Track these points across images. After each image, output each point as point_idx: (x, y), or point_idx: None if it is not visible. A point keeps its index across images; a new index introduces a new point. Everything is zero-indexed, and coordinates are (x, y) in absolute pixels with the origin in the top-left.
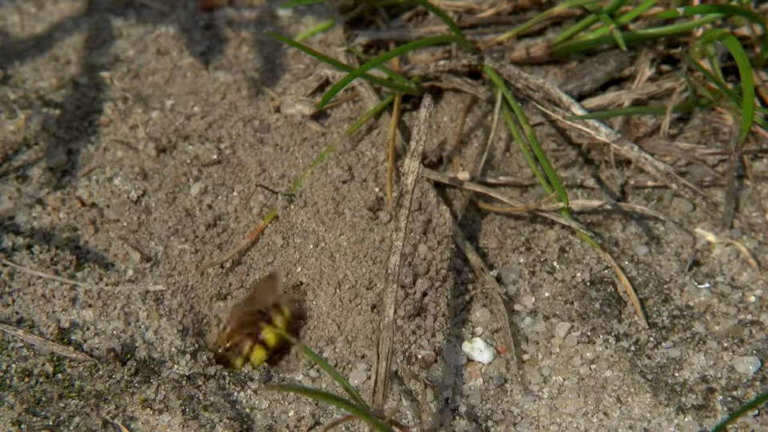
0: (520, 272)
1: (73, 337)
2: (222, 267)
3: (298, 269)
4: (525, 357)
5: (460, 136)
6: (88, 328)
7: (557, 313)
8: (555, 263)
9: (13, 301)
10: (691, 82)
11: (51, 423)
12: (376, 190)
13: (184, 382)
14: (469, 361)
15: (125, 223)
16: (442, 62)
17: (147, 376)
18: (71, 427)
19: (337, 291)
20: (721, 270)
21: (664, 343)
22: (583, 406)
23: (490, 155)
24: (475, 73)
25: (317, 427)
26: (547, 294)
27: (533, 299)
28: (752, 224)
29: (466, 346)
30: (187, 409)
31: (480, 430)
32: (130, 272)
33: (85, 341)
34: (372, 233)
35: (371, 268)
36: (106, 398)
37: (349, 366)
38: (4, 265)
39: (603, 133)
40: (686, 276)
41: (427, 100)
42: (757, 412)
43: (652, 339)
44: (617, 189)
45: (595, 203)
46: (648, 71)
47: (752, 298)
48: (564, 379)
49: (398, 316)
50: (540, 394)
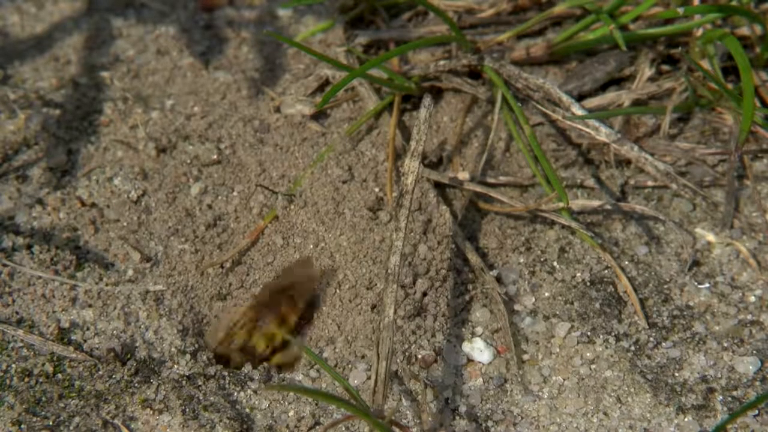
0: (520, 272)
1: (73, 337)
2: (222, 267)
3: None
4: (525, 357)
5: (460, 136)
6: (88, 328)
7: (557, 313)
8: (555, 263)
9: (13, 301)
10: (691, 82)
11: (51, 423)
12: (376, 190)
13: (184, 382)
14: (469, 361)
15: (125, 223)
16: (442, 62)
17: (147, 376)
18: (71, 427)
19: (337, 291)
20: (721, 270)
21: (664, 343)
22: (583, 406)
23: (490, 155)
24: (475, 73)
25: (317, 427)
26: (547, 294)
27: (533, 299)
28: (752, 224)
29: (466, 346)
30: (187, 409)
31: (480, 430)
32: (130, 272)
33: (85, 341)
34: (372, 233)
35: (371, 268)
36: (106, 398)
37: (349, 366)
38: (4, 265)
39: (603, 133)
40: (686, 276)
41: (427, 100)
42: (757, 412)
43: (652, 339)
44: (617, 189)
45: (595, 203)
46: (648, 71)
47: (752, 298)
48: (564, 379)
49: (398, 316)
50: (540, 394)
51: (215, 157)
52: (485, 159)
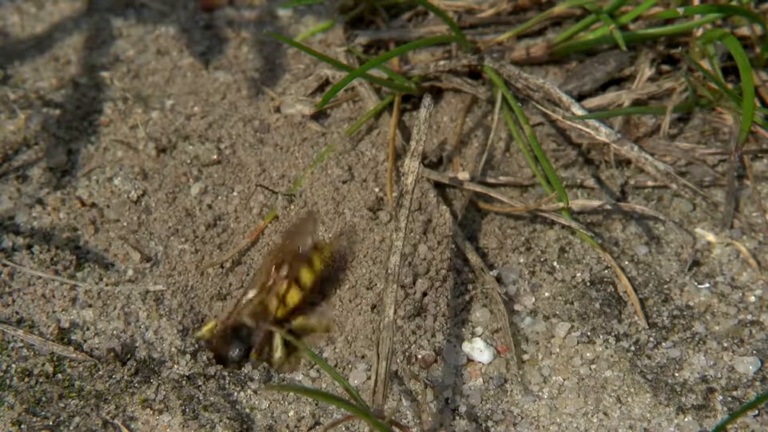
0: (520, 272)
1: (73, 337)
2: (222, 267)
3: None
4: (525, 357)
5: (460, 136)
6: (88, 328)
7: (557, 313)
8: (555, 263)
9: (13, 301)
10: (691, 82)
11: (51, 423)
12: (376, 190)
13: (184, 382)
14: (469, 361)
15: (125, 223)
16: (442, 62)
17: (147, 376)
18: (71, 427)
19: (337, 291)
20: (721, 270)
21: (664, 343)
22: (583, 406)
23: (490, 155)
24: (475, 73)
25: (317, 427)
26: (547, 294)
27: (533, 299)
28: (752, 224)
29: (466, 346)
30: (187, 409)
31: (480, 430)
32: (130, 272)
33: (85, 341)
34: (372, 233)
35: (371, 268)
36: (106, 398)
37: (349, 366)
38: (4, 265)
39: (603, 133)
40: (686, 276)
41: (427, 100)
42: (757, 412)
43: (652, 339)
44: (617, 189)
45: (595, 203)
46: (648, 71)
47: (752, 298)
48: (564, 379)
49: (398, 316)
50: (540, 394)
51: (215, 157)
52: (485, 159)
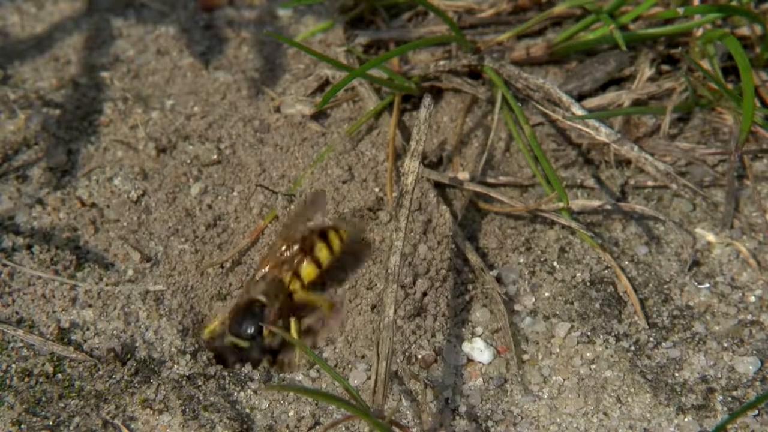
0: (520, 272)
1: (73, 337)
2: (222, 267)
3: None
4: (525, 357)
5: (460, 136)
6: (88, 328)
7: (557, 313)
8: (555, 263)
9: (13, 301)
10: (691, 82)
11: (51, 423)
12: (376, 190)
13: (184, 382)
14: (469, 361)
15: (125, 223)
16: (442, 62)
17: (147, 376)
18: (71, 427)
19: (337, 291)
20: (721, 270)
21: (664, 343)
22: (583, 406)
23: (490, 155)
24: (475, 73)
25: (317, 427)
26: (547, 294)
27: (533, 299)
28: (752, 224)
29: (466, 346)
30: (187, 409)
31: (480, 430)
32: (130, 272)
33: (85, 341)
34: (372, 233)
35: (371, 268)
36: (106, 398)
37: (349, 366)
38: (4, 265)
39: (603, 133)
40: (686, 276)
41: (427, 100)
42: (757, 412)
43: (652, 339)
44: (617, 189)
45: (595, 203)
46: (648, 71)
47: (752, 298)
48: (564, 379)
49: (398, 316)
50: (540, 394)
51: (215, 157)
52: (485, 159)
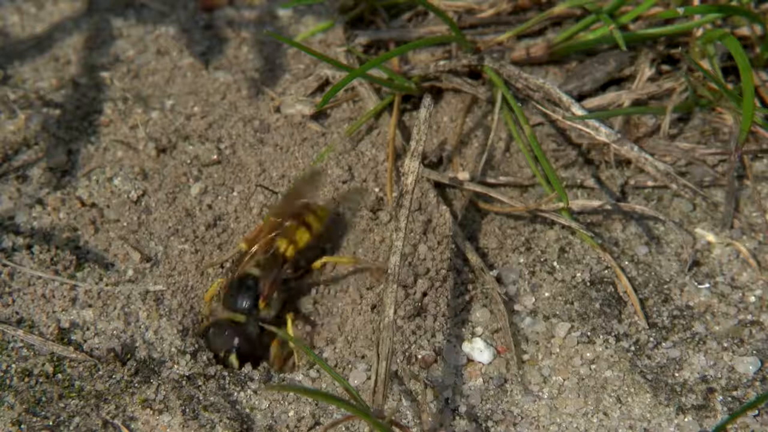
0: (520, 272)
1: (73, 337)
2: (222, 267)
3: None
4: (525, 357)
5: (460, 136)
6: (88, 328)
7: (557, 313)
8: (555, 263)
9: (13, 301)
10: (691, 82)
11: (51, 423)
12: (376, 190)
13: (184, 382)
14: (469, 361)
15: (125, 223)
16: (442, 62)
17: (147, 376)
18: (71, 427)
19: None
20: (721, 270)
21: (664, 343)
22: (583, 406)
23: (490, 155)
24: (475, 73)
25: (317, 427)
26: (547, 294)
27: (533, 299)
28: (752, 224)
29: (466, 346)
30: (187, 409)
31: (480, 430)
32: (130, 272)
33: (85, 341)
34: (372, 233)
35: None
36: (106, 398)
37: (349, 366)
38: (4, 265)
39: (603, 133)
40: (686, 276)
41: (427, 100)
42: (757, 412)
43: (652, 339)
44: (617, 189)
45: (595, 203)
46: (648, 71)
47: (752, 298)
48: (564, 379)
49: (398, 316)
50: (540, 394)
51: (215, 157)
52: (485, 159)
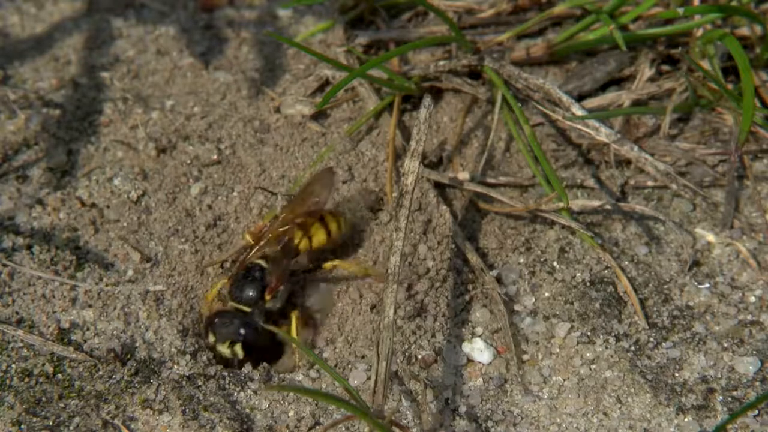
0: (520, 272)
1: (73, 338)
2: (222, 267)
3: None
4: (525, 357)
5: (460, 136)
6: (88, 329)
7: (557, 313)
8: (555, 263)
9: (13, 301)
10: (691, 82)
11: (51, 423)
12: (376, 190)
13: (184, 383)
14: (469, 361)
15: (125, 223)
16: (442, 62)
17: (147, 377)
18: (71, 427)
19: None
20: (721, 270)
21: (664, 344)
22: (583, 406)
23: (490, 155)
24: (475, 73)
25: (317, 427)
26: (547, 294)
27: (533, 299)
28: (752, 224)
29: (466, 346)
30: (187, 410)
31: (480, 431)
32: (130, 272)
33: (85, 341)
34: (372, 233)
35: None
36: (106, 398)
37: (349, 366)
38: (4, 265)
39: (603, 133)
40: (686, 276)
41: (427, 100)
42: (757, 412)
43: (652, 339)
44: (617, 189)
45: (595, 203)
46: (648, 71)
47: (752, 298)
48: (564, 380)
49: (398, 316)
50: (540, 394)
51: (215, 157)
52: (485, 159)
